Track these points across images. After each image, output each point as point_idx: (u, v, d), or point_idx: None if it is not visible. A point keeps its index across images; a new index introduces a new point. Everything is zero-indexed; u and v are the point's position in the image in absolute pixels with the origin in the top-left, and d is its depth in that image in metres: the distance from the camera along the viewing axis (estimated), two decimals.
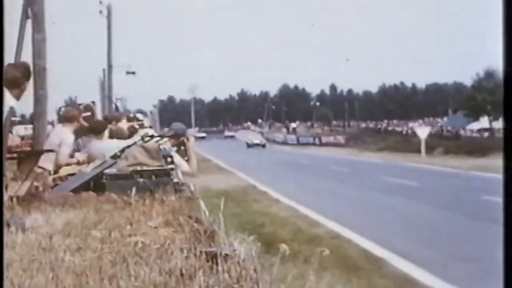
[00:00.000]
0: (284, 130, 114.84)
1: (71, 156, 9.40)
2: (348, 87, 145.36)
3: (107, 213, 5.84)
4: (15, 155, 7.52)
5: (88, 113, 13.10)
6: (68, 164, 9.03)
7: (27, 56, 14.92)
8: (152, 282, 3.66)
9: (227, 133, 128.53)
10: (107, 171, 7.80)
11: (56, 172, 8.63)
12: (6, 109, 5.77)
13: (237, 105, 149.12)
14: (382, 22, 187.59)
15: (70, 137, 9.20)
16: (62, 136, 9.07)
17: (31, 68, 6.63)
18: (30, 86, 7.38)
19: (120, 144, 8.71)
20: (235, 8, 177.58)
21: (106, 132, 9.69)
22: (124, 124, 11.72)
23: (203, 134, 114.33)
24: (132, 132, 10.64)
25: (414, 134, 67.40)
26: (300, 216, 18.87)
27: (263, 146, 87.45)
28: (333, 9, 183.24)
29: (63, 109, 11.52)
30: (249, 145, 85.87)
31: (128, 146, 8.31)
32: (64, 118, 9.30)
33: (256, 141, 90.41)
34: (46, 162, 8.33)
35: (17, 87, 6.61)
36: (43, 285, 3.63)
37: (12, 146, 7.48)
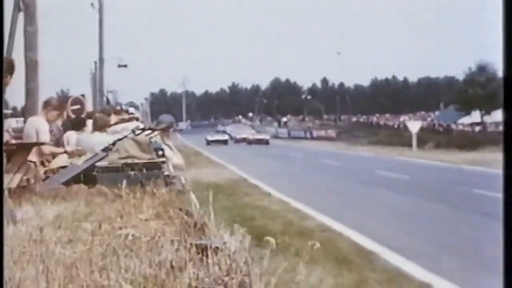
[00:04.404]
0: (276, 124, 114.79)
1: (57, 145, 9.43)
2: (340, 80, 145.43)
3: (98, 206, 5.84)
4: (5, 147, 7.51)
5: (77, 106, 13.10)
6: (52, 153, 9.02)
7: (19, 49, 14.87)
8: (142, 275, 3.66)
9: (251, 134, 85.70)
10: (98, 164, 7.81)
11: (42, 163, 8.62)
12: None
13: (229, 99, 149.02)
14: (373, 15, 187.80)
15: (45, 125, 9.10)
16: (36, 126, 8.98)
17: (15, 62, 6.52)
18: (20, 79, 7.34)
19: (110, 138, 8.72)
20: (227, 1, 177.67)
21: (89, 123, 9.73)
22: (113, 119, 11.70)
23: (226, 137, 79.92)
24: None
25: (405, 128, 67.59)
26: (291, 210, 18.88)
27: None
28: (324, 2, 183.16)
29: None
30: None
31: (120, 139, 8.32)
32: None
33: None
34: (31, 154, 8.30)
35: None
36: (34, 277, 3.63)
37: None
